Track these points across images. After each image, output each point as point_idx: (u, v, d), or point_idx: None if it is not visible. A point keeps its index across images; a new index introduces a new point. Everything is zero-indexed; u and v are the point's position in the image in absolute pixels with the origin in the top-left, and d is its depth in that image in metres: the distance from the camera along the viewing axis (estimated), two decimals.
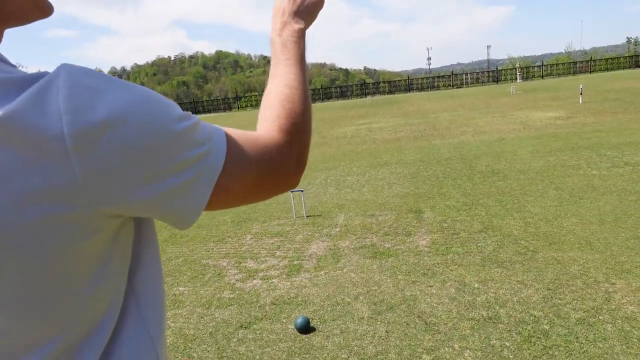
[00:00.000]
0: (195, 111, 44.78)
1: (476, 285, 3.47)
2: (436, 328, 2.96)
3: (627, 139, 8.50)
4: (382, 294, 3.51)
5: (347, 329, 3.07)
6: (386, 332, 2.98)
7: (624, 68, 39.19)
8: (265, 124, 0.71)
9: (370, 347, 2.83)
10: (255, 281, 3.99)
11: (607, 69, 39.41)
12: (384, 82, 46.58)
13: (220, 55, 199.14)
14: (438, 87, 41.84)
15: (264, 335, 3.10)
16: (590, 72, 39.16)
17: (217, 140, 0.60)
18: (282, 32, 0.81)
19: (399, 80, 45.35)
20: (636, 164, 6.57)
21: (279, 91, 0.74)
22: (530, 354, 2.60)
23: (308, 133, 0.73)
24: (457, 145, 9.84)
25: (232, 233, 5.41)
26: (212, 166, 0.59)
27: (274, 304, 3.52)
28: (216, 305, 3.60)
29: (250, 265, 4.35)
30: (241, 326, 3.24)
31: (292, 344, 2.95)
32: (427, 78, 44.53)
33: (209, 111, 45.03)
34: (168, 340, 3.16)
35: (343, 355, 2.78)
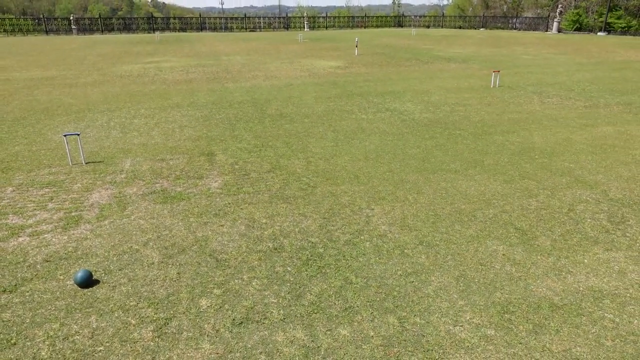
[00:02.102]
0: None
1: (264, 221, 3.74)
2: (227, 263, 3.11)
3: (389, 88, 10.00)
4: (173, 237, 3.47)
5: (135, 276, 2.96)
6: (177, 274, 2.99)
7: (390, 26, 45.20)
8: None
9: (161, 291, 2.81)
10: (21, 239, 3.45)
11: (377, 26, 44.81)
12: (174, 19, 43.35)
13: None
14: (231, 29, 41.14)
15: (36, 296, 2.76)
16: (365, 27, 43.96)
17: None
18: None
19: (191, 18, 42.86)
20: (394, 110, 7.83)
21: None
22: (307, 274, 2.97)
23: None
24: (250, 89, 10.02)
25: None
26: None
27: (47, 262, 3.13)
28: None
29: (14, 222, 3.73)
30: (4, 291, 2.81)
31: (71, 301, 2.71)
32: (220, 18, 43.22)
33: None
34: None
35: (132, 303, 2.69)
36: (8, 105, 8.39)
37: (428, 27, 43.89)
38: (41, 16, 38.14)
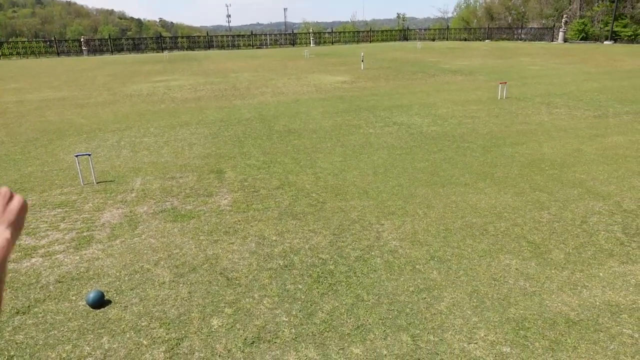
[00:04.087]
0: None
1: (274, 238, 3.73)
2: (237, 282, 3.10)
3: (396, 102, 10.03)
4: (184, 256, 3.47)
5: (147, 296, 2.97)
6: (188, 293, 2.99)
7: (395, 40, 45.50)
8: None
9: (173, 310, 2.81)
10: (33, 260, 3.48)
11: (383, 40, 45.14)
12: (182, 37, 44.02)
13: None
14: (239, 46, 41.67)
15: (48, 317, 2.76)
16: (370, 41, 44.29)
17: None
18: None
19: (199, 36, 43.54)
20: (402, 123, 7.85)
21: None
22: (318, 292, 2.96)
23: None
24: (257, 106, 10.10)
25: None
26: None
27: (59, 282, 3.15)
28: None
29: (26, 242, 3.76)
30: (17, 312, 2.82)
31: (83, 322, 2.71)
32: (227, 36, 43.83)
33: None
34: None
35: (143, 323, 2.69)
36: (21, 127, 8.53)
37: (433, 40, 44.11)
38: (53, 38, 38.99)
